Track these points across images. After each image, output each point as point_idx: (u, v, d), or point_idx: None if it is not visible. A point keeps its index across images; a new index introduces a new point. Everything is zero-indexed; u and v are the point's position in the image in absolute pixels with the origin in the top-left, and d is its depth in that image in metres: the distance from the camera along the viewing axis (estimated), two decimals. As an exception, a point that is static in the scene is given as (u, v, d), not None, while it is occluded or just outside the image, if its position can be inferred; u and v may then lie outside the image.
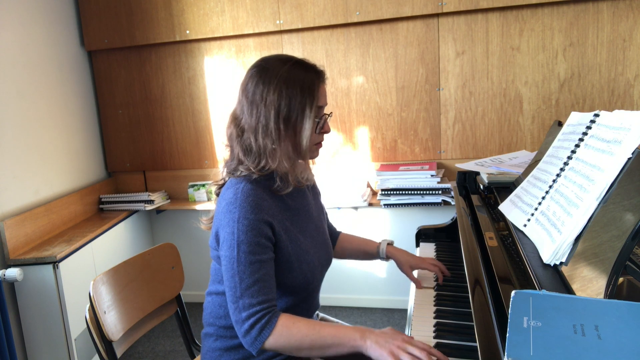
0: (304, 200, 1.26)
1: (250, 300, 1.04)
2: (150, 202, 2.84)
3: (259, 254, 1.07)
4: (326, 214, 1.44)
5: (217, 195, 1.20)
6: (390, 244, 1.47)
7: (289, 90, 1.09)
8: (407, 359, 0.93)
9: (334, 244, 1.49)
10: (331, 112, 1.22)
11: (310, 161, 1.28)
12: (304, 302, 1.24)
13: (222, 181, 1.21)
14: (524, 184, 1.30)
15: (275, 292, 1.09)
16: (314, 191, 1.38)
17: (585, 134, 1.10)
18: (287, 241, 1.14)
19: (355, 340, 1.00)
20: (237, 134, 1.14)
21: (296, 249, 1.16)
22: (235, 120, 1.16)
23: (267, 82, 1.10)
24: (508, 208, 1.29)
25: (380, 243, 1.48)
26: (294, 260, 1.15)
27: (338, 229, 1.53)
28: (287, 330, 1.03)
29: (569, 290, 0.84)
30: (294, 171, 1.15)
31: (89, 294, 1.26)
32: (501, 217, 1.32)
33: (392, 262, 1.48)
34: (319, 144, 1.20)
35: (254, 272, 1.05)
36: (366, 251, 1.49)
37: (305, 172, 1.22)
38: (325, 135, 1.21)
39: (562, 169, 1.13)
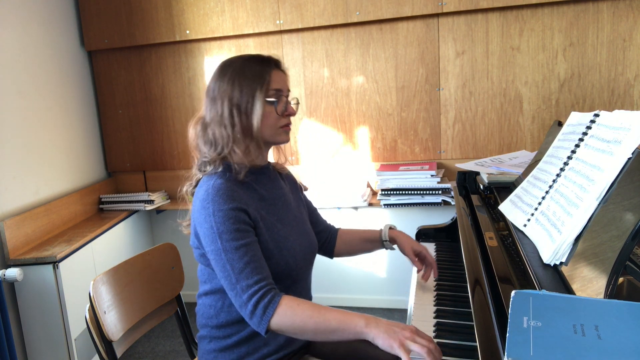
0: (279, 191, 1.28)
1: (247, 281, 1.06)
2: (150, 202, 2.84)
3: (242, 239, 1.09)
4: (314, 209, 1.45)
5: (192, 195, 1.22)
6: (392, 228, 1.46)
7: (240, 79, 1.17)
8: (417, 348, 0.92)
9: (333, 242, 1.47)
10: (296, 99, 1.26)
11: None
12: (291, 292, 1.23)
13: (195, 182, 1.24)
14: (524, 184, 1.30)
15: (269, 272, 1.10)
16: (294, 186, 1.40)
17: (585, 134, 1.10)
18: (264, 229, 1.16)
19: (360, 327, 0.99)
20: (201, 129, 1.21)
21: (274, 236, 1.18)
22: (200, 119, 1.23)
23: (222, 76, 1.19)
24: (508, 208, 1.29)
25: (382, 228, 1.46)
26: (272, 248, 1.16)
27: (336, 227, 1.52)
28: (291, 310, 1.04)
29: (569, 290, 0.84)
30: (248, 155, 1.18)
31: (89, 294, 1.26)
32: (501, 217, 1.32)
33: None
34: (285, 127, 1.22)
35: (242, 255, 1.07)
36: (368, 239, 1.47)
37: (261, 156, 1.24)
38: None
39: (562, 169, 1.13)
